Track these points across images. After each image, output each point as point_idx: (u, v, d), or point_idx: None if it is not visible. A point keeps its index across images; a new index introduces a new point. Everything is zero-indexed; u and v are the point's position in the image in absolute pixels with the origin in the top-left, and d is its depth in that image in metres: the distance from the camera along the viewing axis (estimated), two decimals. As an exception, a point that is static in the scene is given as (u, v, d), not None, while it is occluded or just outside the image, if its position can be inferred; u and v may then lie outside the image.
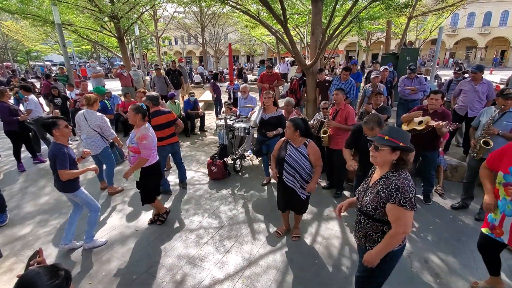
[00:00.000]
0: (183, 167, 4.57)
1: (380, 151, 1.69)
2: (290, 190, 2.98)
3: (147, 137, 3.13)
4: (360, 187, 1.93)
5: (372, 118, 2.71)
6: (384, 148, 1.68)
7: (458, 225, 3.54)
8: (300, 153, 2.88)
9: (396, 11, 7.24)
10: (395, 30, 19.01)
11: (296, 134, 2.83)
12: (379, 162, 1.74)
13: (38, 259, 1.24)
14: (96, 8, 9.19)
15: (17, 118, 5.09)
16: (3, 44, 28.06)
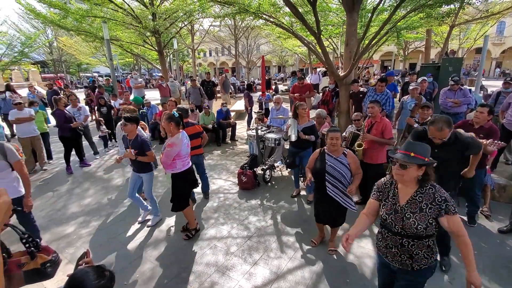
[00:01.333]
0: (206, 178, 4.62)
1: (407, 169, 1.65)
2: (332, 202, 2.94)
3: (174, 145, 3.22)
4: (386, 210, 1.78)
5: (440, 117, 2.46)
6: (411, 166, 1.64)
7: (506, 250, 3.18)
8: (341, 162, 2.88)
9: (437, 20, 6.87)
10: (435, 38, 18.04)
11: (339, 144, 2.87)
12: (405, 180, 1.69)
13: (86, 259, 1.33)
14: (140, 24, 9.94)
15: (70, 125, 5.60)
16: (58, 57, 31.27)
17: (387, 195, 1.83)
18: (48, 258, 1.66)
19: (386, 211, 1.78)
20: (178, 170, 3.35)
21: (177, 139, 3.29)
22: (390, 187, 1.84)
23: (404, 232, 1.70)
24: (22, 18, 27.38)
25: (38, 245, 1.68)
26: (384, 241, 1.83)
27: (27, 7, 10.97)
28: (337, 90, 6.81)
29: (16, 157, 2.81)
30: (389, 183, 1.86)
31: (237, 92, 19.51)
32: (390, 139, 3.69)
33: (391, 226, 1.75)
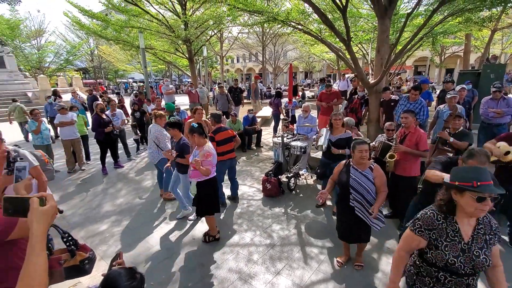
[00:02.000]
0: (236, 182, 4.73)
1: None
2: (355, 218, 2.80)
3: (211, 155, 3.34)
4: (453, 252, 1.51)
5: (480, 151, 2.25)
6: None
7: None
8: (366, 177, 2.73)
9: (477, 25, 6.45)
10: (475, 43, 16.94)
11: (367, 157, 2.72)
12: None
13: (119, 260, 1.41)
14: (173, 33, 10.42)
15: (103, 129, 5.98)
16: (98, 64, 33.67)
17: (445, 233, 1.53)
18: (86, 256, 1.78)
19: (453, 254, 1.50)
20: (203, 178, 3.40)
21: (210, 148, 3.39)
22: (446, 223, 1.54)
23: (473, 271, 1.50)
24: (68, 29, 29.96)
25: (77, 243, 1.80)
26: (440, 283, 1.56)
27: (73, 19, 11.99)
28: (366, 98, 6.62)
29: (32, 164, 2.78)
30: (441, 218, 1.55)
31: (263, 98, 19.63)
32: (425, 151, 3.49)
33: (459, 269, 1.49)
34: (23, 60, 25.24)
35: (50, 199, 1.06)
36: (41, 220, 0.99)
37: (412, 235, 1.60)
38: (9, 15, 24.43)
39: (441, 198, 1.58)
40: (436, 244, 1.53)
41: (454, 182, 1.48)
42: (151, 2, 10.52)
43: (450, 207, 1.53)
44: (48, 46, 28.44)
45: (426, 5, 6.81)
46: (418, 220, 1.60)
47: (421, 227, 1.58)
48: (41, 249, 0.97)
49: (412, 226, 1.61)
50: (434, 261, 1.54)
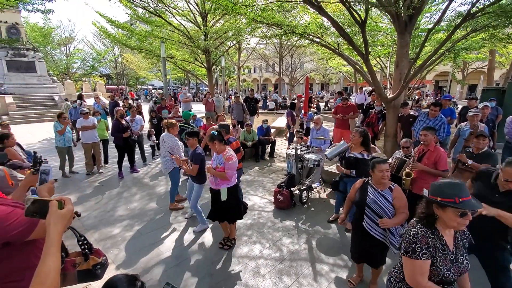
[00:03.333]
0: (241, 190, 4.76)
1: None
2: (370, 238, 2.67)
3: (234, 158, 3.40)
4: (446, 266, 1.55)
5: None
6: None
7: None
8: (384, 197, 2.60)
9: (502, 41, 6.24)
10: (500, 59, 16.36)
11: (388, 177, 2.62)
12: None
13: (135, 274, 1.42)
14: (193, 43, 10.76)
15: (122, 134, 6.17)
16: (121, 71, 35.08)
17: (437, 248, 1.55)
18: (99, 261, 1.81)
19: (446, 268, 1.53)
20: (232, 184, 3.50)
21: (232, 152, 3.45)
22: (434, 238, 1.56)
23: (457, 276, 1.58)
24: (95, 37, 31.55)
25: (92, 247, 1.84)
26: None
27: (100, 28, 12.65)
28: (383, 112, 6.50)
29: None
30: (430, 233, 1.56)
31: (278, 109, 19.70)
32: (444, 171, 3.34)
33: (451, 279, 1.54)
34: (52, 66, 26.73)
35: (68, 203, 1.10)
36: (58, 223, 1.03)
37: (421, 263, 1.53)
38: (42, 23, 26.14)
39: (422, 211, 1.61)
40: (432, 261, 1.54)
41: (436, 197, 1.51)
42: (174, 13, 10.95)
43: (431, 220, 1.57)
44: (76, 53, 30.08)
45: (448, 20, 6.67)
46: (415, 244, 1.55)
47: (421, 249, 1.54)
48: (56, 250, 1.00)
49: (413, 254, 1.54)
50: (429, 277, 1.54)
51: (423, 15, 9.70)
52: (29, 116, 15.23)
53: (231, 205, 3.51)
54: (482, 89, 9.16)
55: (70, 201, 1.13)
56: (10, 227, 1.34)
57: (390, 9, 4.96)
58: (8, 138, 4.29)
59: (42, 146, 9.50)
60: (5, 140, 4.25)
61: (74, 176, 6.59)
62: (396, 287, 1.75)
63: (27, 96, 16.91)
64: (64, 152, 6.40)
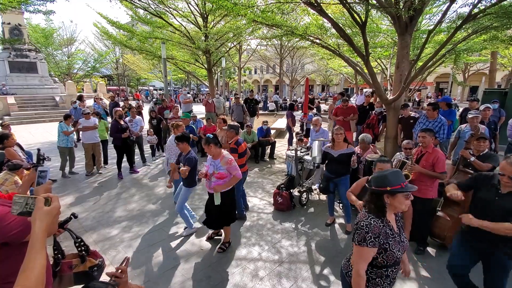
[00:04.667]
0: (244, 192, 4.78)
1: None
2: None
3: (233, 160, 3.38)
4: (397, 248, 1.70)
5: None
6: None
7: None
8: None
9: (504, 43, 6.22)
10: (502, 61, 16.30)
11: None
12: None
13: (122, 266, 1.40)
14: (194, 44, 10.76)
15: (121, 134, 6.17)
16: (122, 72, 35.15)
17: (387, 234, 1.70)
18: (96, 263, 1.81)
19: (397, 249, 1.71)
20: (227, 188, 3.46)
21: (229, 155, 3.43)
22: (384, 225, 1.71)
23: (403, 254, 1.77)
24: (97, 38, 31.63)
25: (88, 249, 1.83)
26: (388, 279, 1.76)
27: (101, 29, 12.69)
28: (384, 114, 6.48)
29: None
30: (380, 222, 1.70)
31: (279, 110, 19.69)
32: (442, 174, 3.32)
33: (400, 259, 1.73)
34: (54, 66, 26.82)
35: (55, 200, 1.10)
36: (43, 219, 1.03)
37: (367, 250, 1.66)
38: (44, 24, 26.24)
39: (373, 204, 1.73)
40: (385, 247, 1.67)
41: (385, 188, 1.66)
42: (175, 15, 10.97)
43: (384, 211, 1.71)
44: (78, 53, 30.19)
45: (449, 21, 6.66)
46: (367, 233, 1.66)
47: (371, 238, 1.65)
48: (41, 247, 1.00)
49: (363, 242, 1.66)
50: (385, 262, 1.68)
51: (424, 17, 9.68)
52: (30, 116, 15.26)
53: (225, 208, 3.46)
54: (484, 91, 9.13)
55: (57, 199, 1.13)
56: (7, 227, 1.33)
57: (390, 10, 4.95)
58: (7, 139, 4.30)
59: (42, 146, 9.49)
60: (4, 141, 4.26)
61: (74, 177, 6.59)
62: (347, 275, 1.88)
63: (28, 97, 16.95)
64: (66, 152, 6.41)
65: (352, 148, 4.09)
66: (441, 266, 3.29)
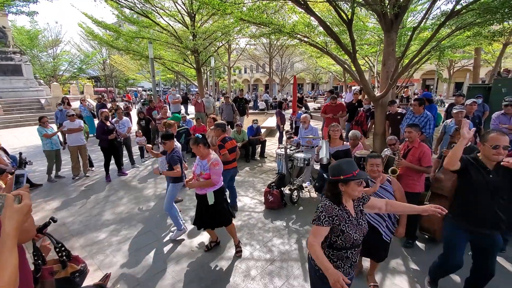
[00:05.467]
0: (235, 191, 4.78)
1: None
2: (375, 233, 2.67)
3: (219, 164, 3.31)
4: (353, 230, 1.80)
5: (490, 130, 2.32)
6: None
7: None
8: (386, 189, 2.70)
9: (487, 39, 6.36)
10: (485, 57, 16.75)
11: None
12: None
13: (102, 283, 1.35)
14: (181, 44, 10.64)
15: (107, 136, 6.03)
16: (110, 73, 34.53)
17: (344, 218, 1.81)
18: (77, 268, 1.75)
19: (353, 231, 1.80)
20: (218, 187, 3.41)
21: (217, 157, 3.35)
22: (340, 209, 1.82)
23: (360, 241, 1.84)
24: (82, 39, 30.97)
25: (69, 254, 1.77)
26: (349, 261, 1.85)
27: (87, 29, 12.40)
28: (372, 111, 6.55)
29: None
30: (336, 206, 1.82)
31: (269, 109, 19.71)
32: (428, 168, 3.37)
33: (358, 241, 1.82)
34: (39, 69, 26.14)
35: (26, 197, 1.06)
36: (13, 217, 0.99)
37: (321, 228, 1.78)
38: (29, 26, 25.53)
39: (330, 192, 1.86)
40: (342, 229, 1.78)
41: (339, 177, 1.78)
42: (162, 14, 10.81)
43: (340, 198, 1.84)
44: (63, 55, 29.47)
45: (433, 18, 6.78)
46: (321, 213, 1.80)
47: (325, 217, 1.78)
48: (12, 246, 0.96)
49: (318, 221, 1.79)
50: (344, 244, 1.79)
51: (409, 14, 9.84)
52: (15, 120, 14.82)
53: (218, 208, 3.42)
54: (468, 87, 9.35)
55: (28, 197, 1.09)
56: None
57: (376, 7, 5.00)
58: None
59: (27, 150, 9.22)
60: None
61: (60, 181, 6.42)
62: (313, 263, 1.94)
63: (13, 100, 16.48)
64: (53, 155, 6.24)
65: (348, 145, 4.13)
66: (431, 260, 3.34)
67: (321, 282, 1.85)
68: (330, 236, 1.80)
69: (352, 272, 1.92)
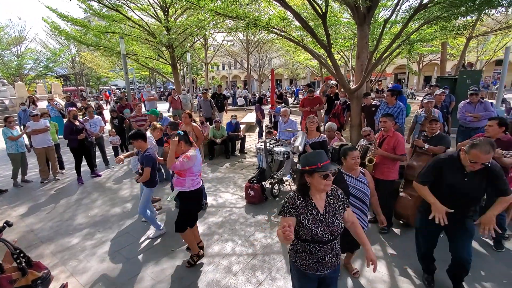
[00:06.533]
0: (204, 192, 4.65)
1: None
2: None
3: (190, 158, 3.08)
4: (314, 225, 1.75)
5: (485, 140, 2.22)
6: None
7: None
8: (362, 182, 2.70)
9: (452, 32, 6.69)
10: (451, 51, 17.68)
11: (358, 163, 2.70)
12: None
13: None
14: (155, 39, 10.27)
15: (76, 136, 5.70)
16: (80, 71, 32.79)
17: (306, 210, 1.78)
18: (39, 275, 1.61)
19: (314, 226, 1.76)
20: (187, 189, 3.16)
21: (194, 153, 3.16)
22: (305, 201, 1.80)
23: (333, 237, 1.78)
24: (49, 35, 29.13)
25: (30, 261, 1.63)
26: (314, 256, 1.80)
27: (52, 24, 11.64)
28: (348, 103, 6.69)
29: None
30: (301, 198, 1.80)
31: (248, 105, 19.65)
32: (402, 156, 3.49)
33: (322, 237, 1.76)
34: (2, 68, 24.34)
35: None
36: None
37: (285, 219, 1.77)
38: (-11, 23, 23.55)
39: (298, 182, 1.84)
40: (301, 220, 1.76)
41: (305, 167, 1.76)
42: (133, 8, 10.37)
43: (305, 190, 1.80)
44: (28, 53, 27.52)
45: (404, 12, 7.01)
46: (285, 204, 1.81)
47: (288, 208, 1.78)
48: None
49: (282, 211, 1.81)
50: (304, 236, 1.77)
51: (380, 9, 10.13)
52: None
53: (181, 211, 3.21)
54: (436, 79, 9.82)
55: None
56: None
57: (349, 1, 5.07)
58: None
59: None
60: None
61: (27, 185, 6.01)
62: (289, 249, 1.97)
63: (-26, 102, 15.21)
64: (18, 158, 5.82)
65: (324, 137, 4.17)
66: (406, 244, 3.48)
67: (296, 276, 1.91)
68: (295, 226, 1.78)
69: (322, 269, 1.81)
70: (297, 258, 1.86)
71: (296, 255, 1.86)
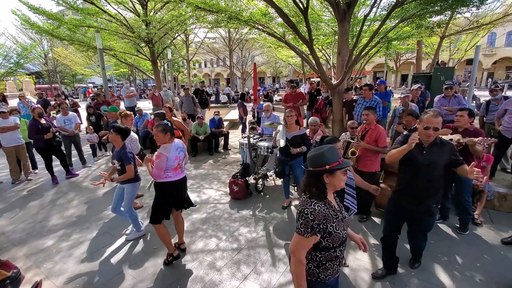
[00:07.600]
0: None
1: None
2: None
3: (161, 156, 2.95)
4: (341, 228, 1.60)
5: (432, 109, 2.37)
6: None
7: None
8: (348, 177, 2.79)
9: (427, 30, 6.95)
10: (426, 50, 18.40)
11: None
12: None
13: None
14: (134, 34, 9.93)
15: (42, 136, 5.35)
16: (53, 68, 31.19)
17: (331, 216, 1.56)
18: (8, 275, 1.51)
19: (341, 229, 1.60)
20: (160, 180, 3.04)
21: (164, 149, 3.03)
22: (327, 206, 1.58)
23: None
24: (19, 30, 27.46)
25: (-3, 260, 1.52)
26: (337, 260, 1.66)
27: (22, 17, 10.96)
28: (330, 99, 6.80)
29: None
30: (324, 205, 1.56)
31: (231, 102, 19.53)
32: (384, 148, 3.59)
33: (345, 237, 1.65)
34: (-32, 65, 22.64)
35: None
36: None
37: (312, 238, 1.54)
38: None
39: (314, 187, 1.59)
40: (329, 231, 1.55)
41: (323, 167, 1.55)
42: (109, 1, 9.96)
43: (323, 191, 1.59)
44: (-4, 49, 25.79)
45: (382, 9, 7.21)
46: (313, 221, 1.51)
47: (318, 226, 1.52)
48: None
49: (310, 231, 1.52)
50: (331, 244, 1.58)
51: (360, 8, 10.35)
52: None
53: (155, 202, 3.10)
54: (412, 76, 10.20)
55: None
56: None
57: (329, -3, 5.12)
58: None
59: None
60: None
61: (-4, 187, 5.65)
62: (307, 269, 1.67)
63: None
64: None
65: (304, 130, 4.19)
66: (386, 232, 3.59)
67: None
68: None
69: (339, 270, 1.74)
70: (320, 273, 1.65)
71: (319, 270, 1.65)
